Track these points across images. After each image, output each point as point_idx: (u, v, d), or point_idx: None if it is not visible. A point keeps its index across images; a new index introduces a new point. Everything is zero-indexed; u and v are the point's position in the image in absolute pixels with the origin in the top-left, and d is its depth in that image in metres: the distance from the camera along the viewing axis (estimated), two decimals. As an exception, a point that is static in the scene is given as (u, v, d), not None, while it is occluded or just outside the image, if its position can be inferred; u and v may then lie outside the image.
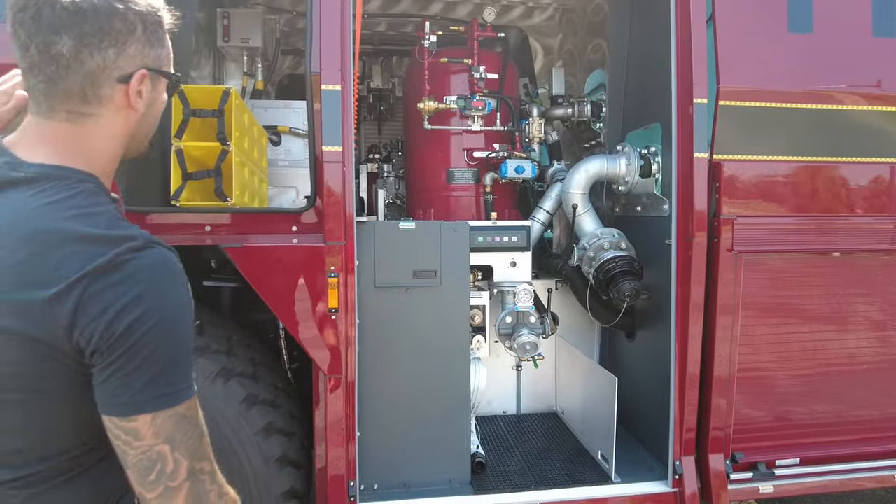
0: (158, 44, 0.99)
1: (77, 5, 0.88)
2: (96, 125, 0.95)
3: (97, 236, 0.86)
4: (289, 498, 2.18)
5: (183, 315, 0.92)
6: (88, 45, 0.90)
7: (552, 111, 3.24)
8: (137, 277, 0.86)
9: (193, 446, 0.91)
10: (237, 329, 2.45)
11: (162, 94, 1.05)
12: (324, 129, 2.11)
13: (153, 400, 0.87)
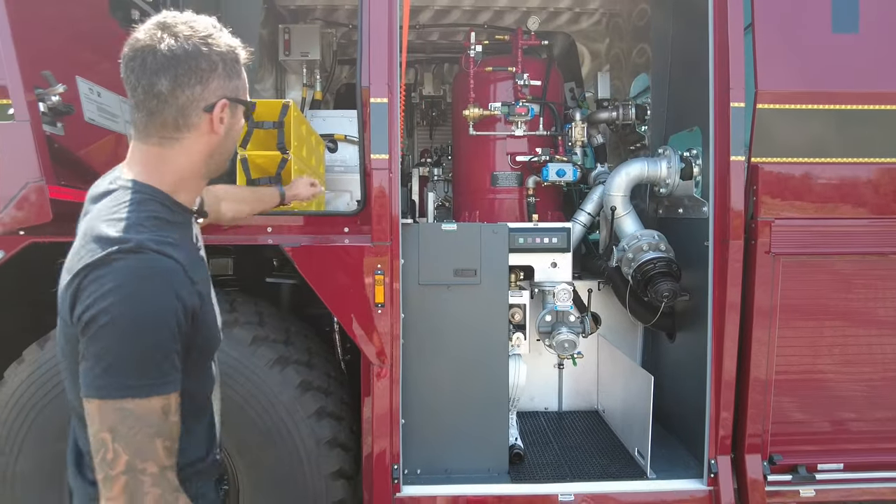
0: (236, 76, 1.19)
1: (173, 52, 1.08)
2: (180, 147, 1.15)
3: (106, 236, 1.02)
4: (337, 477, 2.37)
5: (149, 318, 0.98)
6: (181, 84, 1.10)
7: (597, 115, 3.31)
8: (116, 275, 0.98)
9: (138, 443, 0.96)
10: (295, 321, 2.67)
11: (240, 120, 1.24)
12: (372, 138, 2.29)
13: (102, 388, 0.96)
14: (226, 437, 2.28)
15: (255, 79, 3.35)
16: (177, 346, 1.03)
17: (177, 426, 1.03)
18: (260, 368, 2.30)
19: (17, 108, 1.53)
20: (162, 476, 0.98)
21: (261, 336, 2.37)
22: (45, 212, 1.52)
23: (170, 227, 1.12)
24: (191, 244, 1.20)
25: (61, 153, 1.64)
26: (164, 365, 1.00)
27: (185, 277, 1.06)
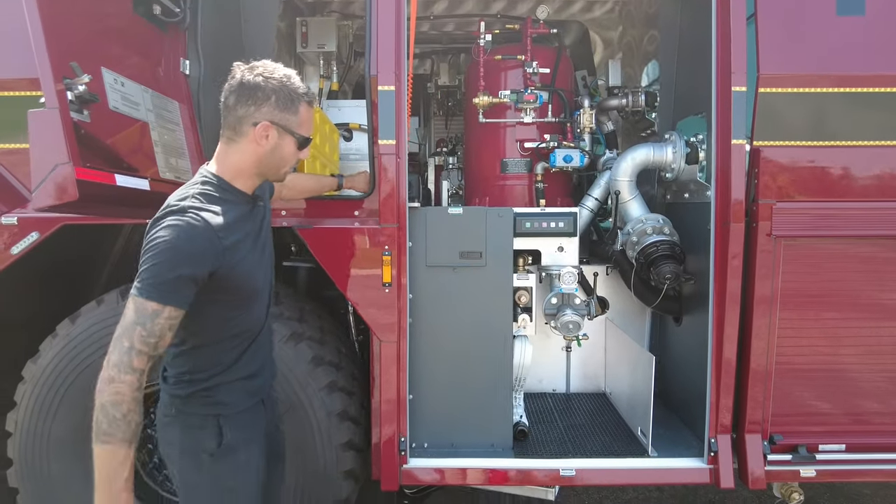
0: (289, 111, 1.58)
1: (242, 81, 1.54)
2: (236, 147, 1.59)
3: (167, 203, 1.52)
4: (347, 448, 2.49)
5: (171, 254, 1.41)
6: (241, 102, 1.55)
7: (607, 102, 3.35)
8: (163, 224, 1.45)
9: (127, 325, 1.40)
10: (309, 301, 2.80)
11: (288, 146, 1.61)
12: (380, 125, 2.39)
13: (133, 287, 1.43)
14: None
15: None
16: (188, 281, 1.43)
17: (161, 328, 1.41)
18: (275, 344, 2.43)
19: (48, 96, 1.67)
20: (129, 350, 1.38)
21: (275, 313, 2.49)
22: (72, 191, 1.66)
23: (217, 201, 1.55)
24: (235, 215, 1.58)
25: (87, 138, 1.78)
26: (170, 286, 1.41)
27: (213, 235, 1.48)
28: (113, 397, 1.35)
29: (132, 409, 1.38)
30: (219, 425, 1.60)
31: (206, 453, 1.58)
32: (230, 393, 1.63)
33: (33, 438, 2.45)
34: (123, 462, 1.37)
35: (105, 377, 1.37)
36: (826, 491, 3.52)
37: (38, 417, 2.44)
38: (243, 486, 1.65)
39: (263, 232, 1.75)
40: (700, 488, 3.54)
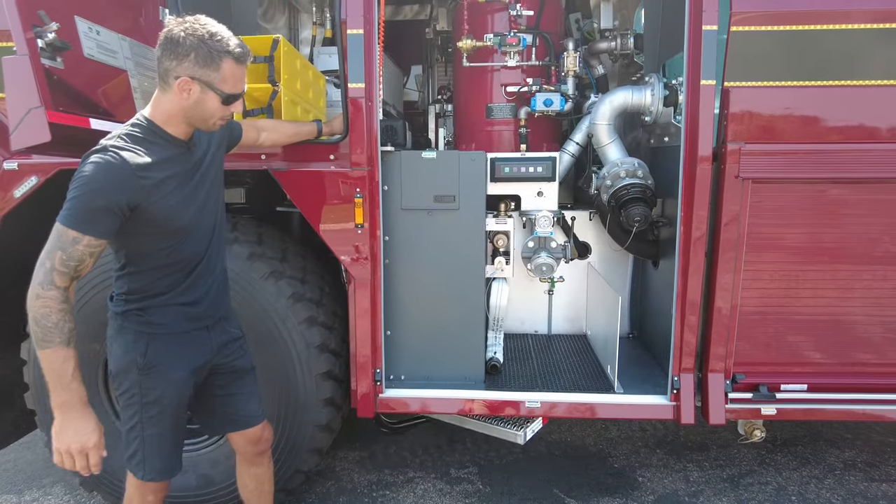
0: (209, 67, 1.65)
1: (170, 35, 1.63)
2: (165, 96, 1.71)
3: (101, 140, 1.66)
4: (327, 378, 2.66)
5: (90, 189, 1.57)
6: (164, 56, 1.65)
7: (596, 45, 3.30)
8: (88, 161, 1.61)
9: (50, 247, 1.58)
10: (294, 244, 2.94)
11: (211, 100, 1.69)
12: (349, 68, 2.45)
13: (58, 216, 1.59)
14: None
15: (266, 18, 3.54)
16: (106, 212, 1.58)
17: (80, 254, 1.58)
18: (255, 280, 2.59)
19: (18, 44, 1.79)
20: (52, 270, 1.57)
21: (257, 253, 2.65)
22: (44, 133, 1.80)
23: (141, 142, 1.69)
24: (160, 157, 1.71)
25: (60, 84, 1.91)
26: (86, 216, 1.57)
27: (129, 173, 1.62)
28: (41, 310, 1.56)
29: (61, 318, 1.58)
30: (147, 343, 1.80)
31: (135, 366, 1.80)
32: (164, 315, 1.82)
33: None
34: (66, 360, 1.59)
35: (32, 294, 1.57)
36: (805, 434, 3.58)
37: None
38: (166, 399, 1.85)
39: (199, 175, 1.86)
40: (682, 429, 3.64)
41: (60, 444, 1.65)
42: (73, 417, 1.63)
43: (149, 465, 1.90)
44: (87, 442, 1.65)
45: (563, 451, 3.44)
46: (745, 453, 3.38)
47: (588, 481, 3.13)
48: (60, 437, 1.64)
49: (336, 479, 3.18)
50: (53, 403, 1.63)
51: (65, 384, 1.60)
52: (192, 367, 1.90)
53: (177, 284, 1.83)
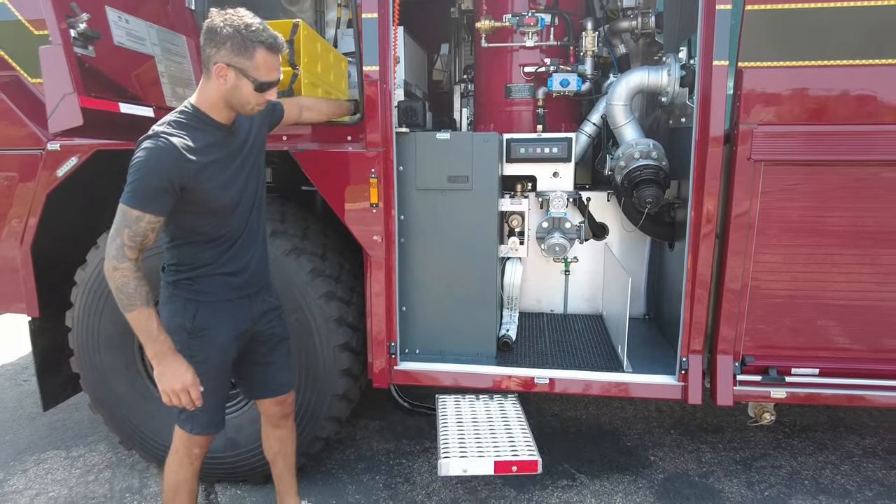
0: (243, 56, 1.78)
1: (211, 24, 1.79)
2: (209, 83, 1.86)
3: (153, 127, 1.83)
4: (344, 350, 2.79)
5: (146, 171, 1.74)
6: (205, 44, 1.81)
7: (618, 24, 3.27)
8: (142, 146, 1.77)
9: (118, 226, 1.75)
10: (315, 221, 3.06)
11: (245, 87, 1.83)
12: (364, 51, 2.52)
13: (121, 197, 1.76)
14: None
15: (292, 1, 3.62)
16: (162, 192, 1.76)
17: (144, 230, 1.76)
18: (277, 256, 2.72)
19: (53, 34, 1.93)
20: (122, 245, 1.75)
21: (279, 230, 2.78)
22: (77, 117, 1.95)
23: (187, 128, 1.85)
24: (206, 142, 1.87)
25: (92, 71, 2.05)
26: (146, 196, 1.75)
27: (179, 157, 1.78)
28: (121, 280, 1.76)
29: (138, 284, 1.78)
30: (195, 309, 1.99)
31: (184, 330, 1.98)
32: (210, 284, 2.01)
33: (86, 333, 2.91)
34: (149, 318, 1.80)
35: (109, 267, 1.77)
36: (826, 420, 3.54)
37: (88, 316, 2.89)
38: (212, 360, 2.04)
39: (241, 158, 2.02)
40: (698, 411, 3.66)
41: (165, 386, 1.86)
42: (168, 363, 1.85)
43: (196, 421, 2.09)
44: (186, 380, 1.86)
45: (577, 429, 3.51)
46: (760, 437, 3.37)
47: (599, 458, 3.19)
48: (163, 380, 1.86)
49: (356, 446, 3.34)
50: (149, 355, 1.85)
51: (153, 337, 1.82)
52: (235, 333, 2.09)
53: (220, 256, 2.00)
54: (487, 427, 2.59)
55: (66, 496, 2.95)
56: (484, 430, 2.57)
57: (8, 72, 2.72)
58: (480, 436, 2.51)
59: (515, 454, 2.37)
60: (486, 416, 2.68)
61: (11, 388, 4.27)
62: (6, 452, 3.37)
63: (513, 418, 2.65)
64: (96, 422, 3.48)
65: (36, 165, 2.80)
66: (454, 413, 2.72)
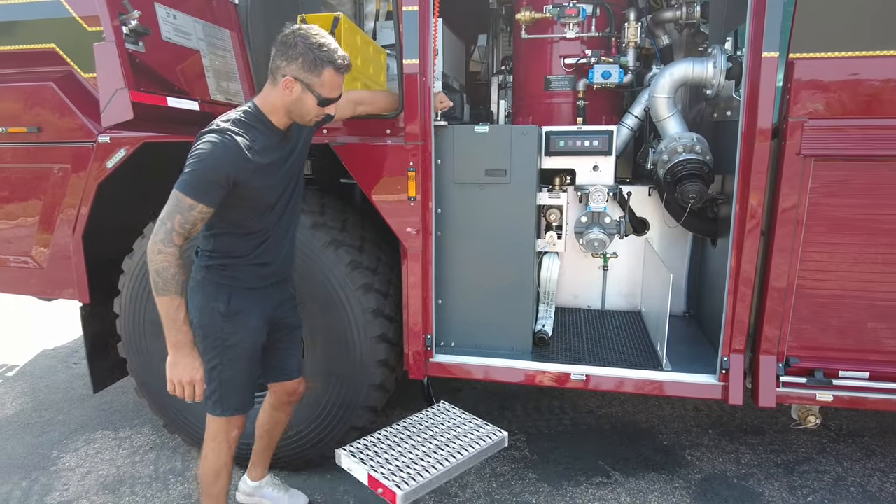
0: (312, 73, 1.90)
1: (282, 37, 1.91)
2: (274, 90, 1.96)
3: (216, 122, 1.93)
4: (380, 341, 2.82)
5: (206, 162, 1.82)
6: (277, 55, 1.92)
7: (661, 14, 3.19)
8: (205, 138, 1.86)
9: (170, 210, 1.82)
10: (354, 213, 3.09)
11: (309, 100, 1.95)
12: (404, 45, 2.53)
13: (176, 183, 1.84)
14: (293, 303, 2.83)
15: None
16: (217, 185, 1.84)
17: (194, 219, 1.83)
18: (316, 248, 2.76)
19: (106, 31, 1.99)
20: (171, 230, 1.82)
21: (319, 222, 2.81)
22: (128, 111, 2.01)
23: (250, 129, 1.95)
24: (263, 144, 1.97)
25: (142, 66, 2.11)
26: (202, 187, 1.83)
27: (239, 154, 1.87)
28: (163, 264, 1.82)
29: (178, 271, 1.85)
30: (229, 294, 2.08)
31: (217, 313, 2.08)
32: (241, 272, 2.11)
33: (133, 320, 3.02)
34: (179, 307, 1.87)
35: (154, 249, 1.82)
36: (875, 426, 3.42)
37: (134, 303, 2.99)
38: (243, 342, 2.13)
39: (291, 161, 2.14)
40: (738, 412, 3.57)
41: (174, 376, 1.93)
42: (183, 355, 1.92)
43: (226, 402, 2.18)
44: (194, 375, 1.94)
45: (613, 426, 3.47)
46: (803, 440, 3.28)
47: (635, 456, 3.16)
48: (173, 370, 1.93)
49: (390, 436, 3.37)
50: (168, 342, 1.91)
51: (178, 327, 1.88)
52: (264, 318, 2.19)
53: (253, 249, 2.10)
54: (429, 445, 2.49)
55: (115, 475, 3.07)
56: (421, 445, 2.49)
57: (62, 67, 2.82)
58: (408, 448, 2.46)
59: (394, 478, 2.24)
60: (445, 436, 2.56)
61: (63, 371, 4.47)
62: (59, 431, 3.53)
63: (459, 451, 2.43)
64: (141, 405, 3.62)
65: (87, 157, 2.90)
66: (427, 420, 2.72)
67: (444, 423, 2.69)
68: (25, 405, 3.89)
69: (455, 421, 2.71)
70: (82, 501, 2.86)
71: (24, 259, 3.21)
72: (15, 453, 3.30)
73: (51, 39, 2.78)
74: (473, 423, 2.66)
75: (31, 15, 2.77)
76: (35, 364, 4.62)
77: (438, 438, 2.55)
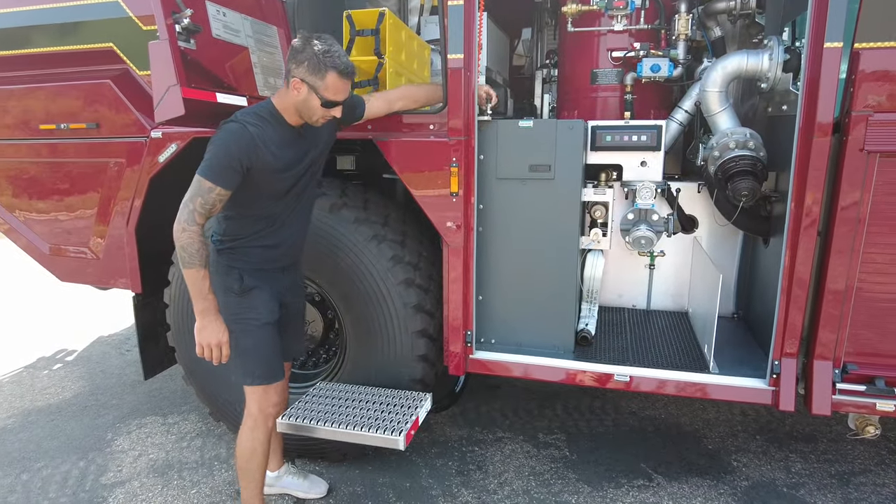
0: (317, 76, 2.02)
1: (294, 44, 2.04)
2: (286, 91, 2.09)
3: (236, 113, 2.08)
4: (421, 336, 2.82)
5: (224, 148, 1.99)
6: (290, 59, 2.06)
7: (713, 5, 3.08)
8: (225, 127, 2.03)
9: (192, 193, 1.99)
10: (396, 209, 3.10)
11: (314, 101, 2.07)
12: (449, 40, 2.51)
13: (198, 169, 2.01)
14: (336, 296, 2.86)
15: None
16: (233, 170, 1.99)
17: (213, 200, 2.00)
18: (360, 243, 2.79)
19: (160, 30, 2.05)
20: (193, 211, 1.99)
21: (362, 217, 2.84)
22: (179, 107, 2.07)
23: (262, 120, 2.08)
24: (277, 136, 2.11)
25: (193, 63, 2.16)
26: (220, 171, 1.99)
27: (252, 142, 2.02)
28: (188, 240, 2.01)
29: (201, 246, 2.04)
30: (240, 274, 2.24)
31: (232, 291, 2.24)
32: (249, 254, 2.26)
33: (182, 310, 3.11)
34: (203, 277, 2.07)
35: (178, 228, 2.01)
36: (939, 436, 3.24)
37: (183, 294, 3.08)
38: (262, 315, 2.29)
39: (308, 158, 2.27)
40: (788, 418, 3.44)
41: (202, 339, 2.13)
42: (210, 320, 2.12)
43: (251, 371, 2.31)
44: (221, 338, 2.15)
45: (656, 428, 3.39)
46: (860, 451, 3.13)
47: (678, 459, 3.08)
48: (202, 334, 2.13)
49: (430, 431, 3.39)
50: (196, 310, 2.11)
51: (203, 295, 2.09)
52: (275, 295, 2.34)
53: (260, 231, 2.24)
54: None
55: (164, 459, 3.18)
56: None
57: (119, 65, 2.92)
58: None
59: None
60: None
61: (116, 357, 4.66)
62: (113, 415, 3.68)
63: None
64: (189, 393, 3.73)
65: (141, 152, 3.00)
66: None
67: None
68: (83, 388, 4.08)
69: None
70: (134, 483, 2.98)
71: (83, 250, 3.35)
72: (74, 434, 3.46)
73: (109, 39, 2.89)
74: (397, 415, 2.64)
75: (91, 16, 2.87)
76: (91, 350, 4.83)
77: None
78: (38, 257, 3.54)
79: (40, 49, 3.04)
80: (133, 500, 2.85)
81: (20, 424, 3.59)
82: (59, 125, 3.08)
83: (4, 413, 3.75)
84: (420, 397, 2.77)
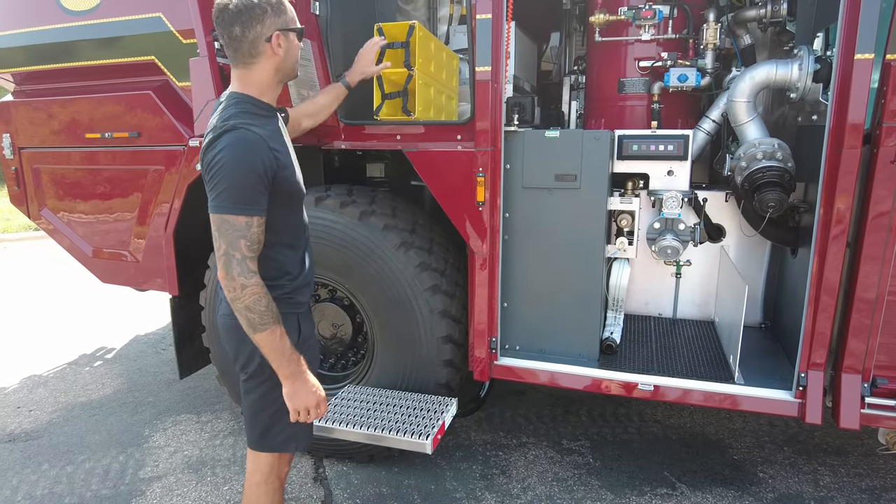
0: (283, 13, 1.72)
1: (237, 6, 1.66)
2: (257, 67, 1.75)
3: (216, 125, 1.67)
4: (447, 342, 2.88)
5: (242, 166, 1.60)
6: (247, 27, 1.68)
7: (743, 13, 3.06)
8: (222, 143, 1.61)
9: (230, 239, 1.61)
10: (423, 216, 3.16)
11: (293, 42, 1.77)
12: (477, 52, 2.56)
13: (213, 207, 1.63)
14: (364, 301, 2.94)
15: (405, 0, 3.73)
16: (260, 188, 1.64)
17: (256, 235, 1.66)
18: (388, 249, 2.86)
19: (200, 46, 2.15)
20: (243, 259, 1.64)
21: (391, 224, 2.91)
22: (218, 120, 2.15)
23: (254, 117, 1.73)
24: (272, 128, 1.77)
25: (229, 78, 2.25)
26: (250, 198, 1.63)
27: (264, 145, 1.66)
28: (252, 298, 1.64)
29: (269, 300, 1.67)
30: (297, 321, 1.91)
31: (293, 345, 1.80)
32: (302, 294, 1.94)
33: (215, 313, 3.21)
34: (282, 336, 1.70)
35: (236, 286, 1.63)
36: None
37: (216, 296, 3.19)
38: (313, 367, 1.94)
39: (288, 139, 1.91)
40: (817, 430, 3.40)
41: (298, 405, 1.77)
42: (301, 382, 1.76)
43: (300, 437, 2.01)
44: (320, 397, 1.81)
45: (680, 437, 3.38)
46: (892, 466, 3.08)
47: (703, 469, 3.07)
48: (296, 399, 1.77)
49: (454, 434, 3.44)
50: (282, 375, 1.74)
51: (287, 356, 1.72)
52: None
53: (295, 255, 1.90)
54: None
55: (198, 456, 3.30)
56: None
57: (160, 77, 3.05)
58: None
59: None
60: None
61: (153, 356, 4.82)
62: (149, 412, 3.82)
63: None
64: (222, 392, 3.86)
65: (179, 159, 3.12)
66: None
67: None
68: (122, 385, 4.24)
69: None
70: (170, 478, 3.10)
71: (123, 252, 3.50)
72: (114, 429, 3.61)
73: (151, 52, 3.01)
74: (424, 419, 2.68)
75: (135, 30, 3.00)
76: (129, 348, 5.01)
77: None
78: (82, 258, 3.70)
79: (87, 62, 3.19)
80: (169, 494, 2.96)
81: (64, 418, 3.76)
82: (104, 134, 3.23)
83: (51, 407, 3.93)
84: (446, 402, 2.82)
